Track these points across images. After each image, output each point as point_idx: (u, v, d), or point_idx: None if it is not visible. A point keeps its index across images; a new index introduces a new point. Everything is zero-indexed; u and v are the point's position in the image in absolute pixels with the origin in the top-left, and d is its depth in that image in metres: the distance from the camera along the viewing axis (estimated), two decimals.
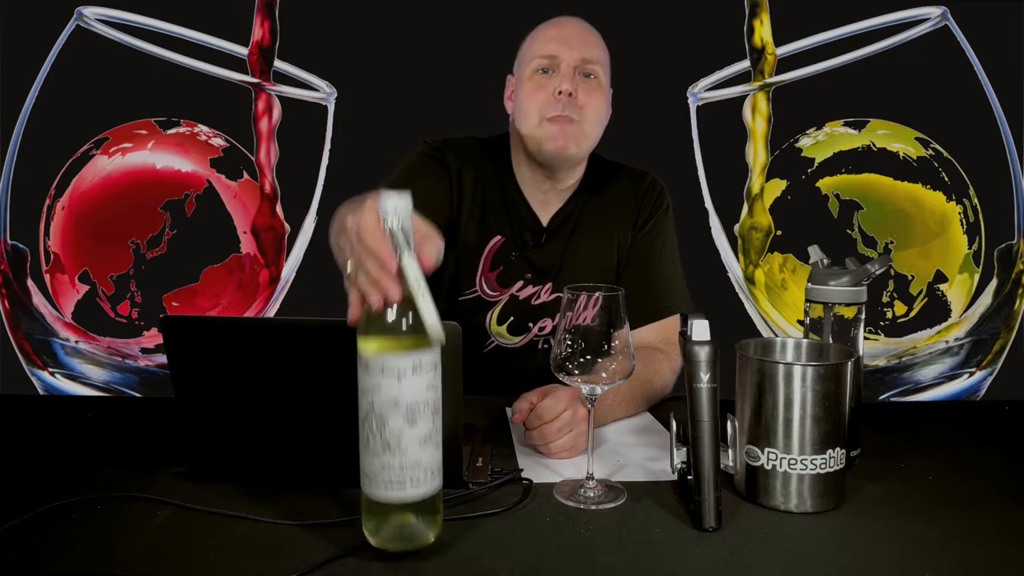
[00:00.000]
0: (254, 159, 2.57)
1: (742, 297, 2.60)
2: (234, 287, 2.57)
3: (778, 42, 2.56)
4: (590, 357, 0.91)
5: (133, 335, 2.54)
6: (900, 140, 2.55)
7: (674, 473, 0.92)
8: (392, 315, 0.75)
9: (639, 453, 1.09)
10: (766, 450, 0.89)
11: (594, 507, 0.90)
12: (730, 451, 0.93)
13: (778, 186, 2.57)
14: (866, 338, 1.07)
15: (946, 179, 2.54)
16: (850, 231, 2.55)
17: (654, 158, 1.66)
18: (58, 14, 2.50)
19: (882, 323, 2.56)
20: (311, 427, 0.91)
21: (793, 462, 0.88)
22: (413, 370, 0.75)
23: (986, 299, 2.57)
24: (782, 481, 0.88)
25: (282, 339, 0.91)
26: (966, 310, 2.57)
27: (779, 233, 2.57)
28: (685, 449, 0.90)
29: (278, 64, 2.56)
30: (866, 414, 1.06)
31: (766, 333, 2.57)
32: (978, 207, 2.55)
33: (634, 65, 2.40)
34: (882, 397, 2.51)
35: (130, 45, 2.51)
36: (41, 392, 2.52)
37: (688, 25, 2.49)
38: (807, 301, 1.05)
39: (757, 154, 2.58)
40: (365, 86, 2.51)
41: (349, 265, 0.79)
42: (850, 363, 0.90)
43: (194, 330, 0.92)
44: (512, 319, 1.45)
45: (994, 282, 2.56)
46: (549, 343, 1.44)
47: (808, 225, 2.55)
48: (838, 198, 2.55)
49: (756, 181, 2.58)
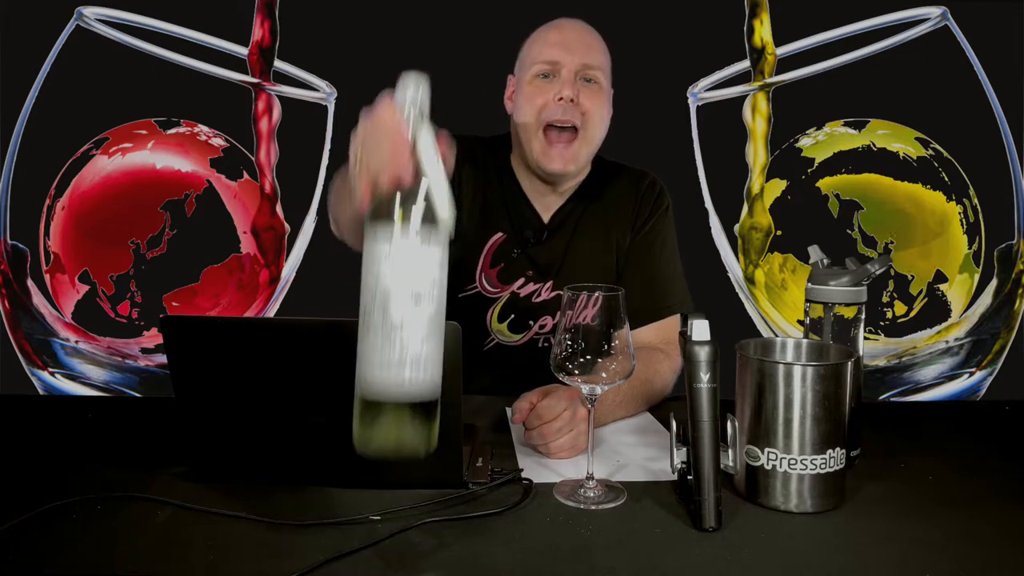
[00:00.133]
0: (254, 159, 2.57)
1: (742, 297, 2.60)
2: (234, 287, 2.57)
3: (778, 42, 2.55)
4: (590, 357, 0.91)
5: (133, 335, 2.54)
6: (900, 140, 2.55)
7: (674, 473, 0.92)
8: (405, 191, 0.74)
9: (639, 453, 1.09)
10: (766, 450, 0.89)
11: (594, 507, 0.90)
12: (730, 451, 0.93)
13: (778, 186, 2.57)
14: (866, 338, 1.07)
15: (946, 179, 2.54)
16: (850, 231, 2.55)
17: (654, 158, 1.66)
18: (58, 14, 2.50)
19: (882, 323, 2.56)
20: (311, 427, 0.91)
21: (793, 462, 0.88)
22: (424, 246, 0.73)
23: (986, 299, 2.57)
24: (782, 481, 0.88)
25: (282, 339, 0.91)
26: (966, 310, 2.57)
27: (779, 233, 2.57)
28: (685, 449, 0.90)
29: (278, 64, 2.56)
30: (866, 414, 1.06)
31: (766, 333, 2.57)
32: (978, 207, 2.55)
33: (634, 65, 2.40)
34: (882, 397, 2.51)
35: (130, 45, 2.51)
36: (41, 392, 2.52)
37: (688, 25, 2.49)
38: (807, 301, 1.05)
39: (757, 154, 2.58)
40: (365, 86, 2.49)
41: (359, 152, 0.77)
42: (850, 363, 0.90)
43: (194, 330, 0.92)
44: (513, 317, 1.45)
45: (994, 282, 2.56)
46: (550, 342, 1.44)
47: (808, 225, 2.55)
48: (838, 198, 2.55)
49: (756, 181, 2.58)
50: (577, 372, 0.91)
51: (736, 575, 0.76)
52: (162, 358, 2.47)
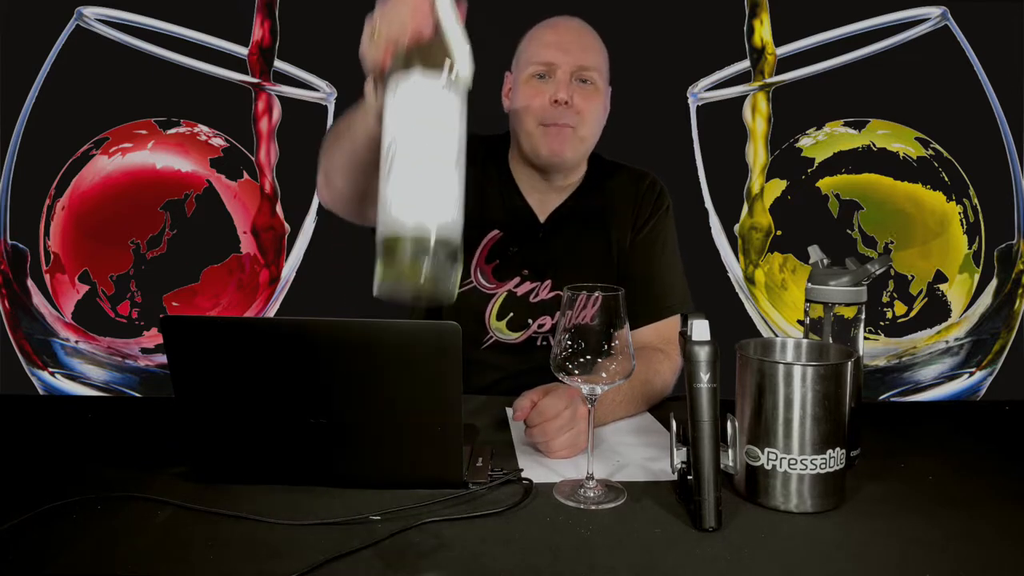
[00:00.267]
0: (254, 159, 2.57)
1: (742, 297, 2.61)
2: (234, 287, 2.57)
3: (778, 42, 2.55)
4: (590, 357, 0.91)
5: (133, 335, 2.54)
6: (900, 140, 2.55)
7: (674, 473, 0.92)
8: (426, 45, 0.79)
9: (639, 453, 1.09)
10: (766, 450, 0.89)
11: (594, 507, 0.90)
12: (730, 451, 0.93)
13: (778, 186, 2.57)
14: (866, 338, 1.07)
15: (946, 179, 2.54)
16: (850, 231, 2.55)
17: (654, 158, 1.65)
18: (58, 14, 2.50)
19: (882, 323, 2.56)
20: (311, 427, 0.91)
21: (793, 462, 0.88)
22: (441, 91, 0.77)
23: (986, 299, 2.57)
24: (782, 481, 0.88)
25: (282, 339, 0.91)
26: (966, 310, 2.57)
27: (779, 233, 2.57)
28: (685, 449, 0.90)
29: (278, 64, 2.56)
30: (866, 414, 1.06)
31: (766, 333, 2.57)
32: (978, 207, 2.55)
33: (634, 65, 2.40)
34: (882, 397, 2.51)
35: (130, 45, 2.51)
36: (41, 392, 2.52)
37: (688, 25, 2.49)
38: (807, 301, 1.05)
39: (757, 154, 2.58)
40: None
41: (378, 24, 0.82)
42: (850, 363, 0.90)
43: (194, 330, 0.92)
44: (512, 315, 1.45)
45: (994, 282, 2.56)
46: (548, 340, 1.44)
47: (808, 225, 2.55)
48: (838, 198, 2.55)
49: (756, 181, 2.58)
50: (577, 372, 0.91)
51: (736, 575, 0.76)
52: (162, 358, 2.47)
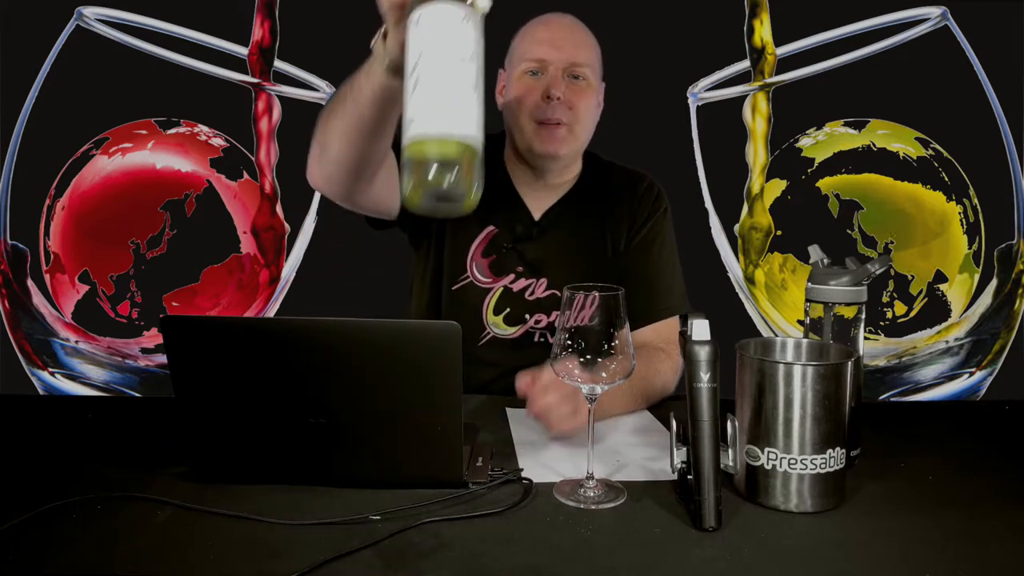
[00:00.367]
0: (254, 159, 2.57)
1: (742, 297, 2.60)
2: (234, 287, 2.57)
3: (778, 42, 2.55)
4: (590, 357, 0.91)
5: (133, 335, 2.54)
6: (900, 140, 2.55)
7: (674, 473, 0.92)
8: None
9: (639, 453, 1.09)
10: (766, 450, 0.89)
11: (594, 507, 0.90)
12: (730, 451, 0.93)
13: (778, 186, 2.57)
14: (866, 338, 1.07)
15: (946, 179, 2.54)
16: (850, 231, 2.55)
17: (654, 158, 1.66)
18: (58, 14, 2.50)
19: (882, 323, 2.56)
20: (311, 427, 0.91)
21: (793, 462, 0.88)
22: (462, 20, 0.83)
23: (986, 299, 2.57)
24: (782, 481, 0.88)
25: (282, 339, 0.91)
26: (966, 310, 2.57)
27: (779, 233, 2.57)
28: (685, 449, 0.90)
29: (278, 64, 2.56)
30: (866, 414, 1.06)
31: (766, 333, 2.57)
32: (978, 207, 2.55)
33: (634, 65, 2.40)
34: (882, 397, 2.51)
35: (130, 45, 2.51)
36: (41, 392, 2.52)
37: (688, 25, 2.49)
38: (807, 301, 1.05)
39: (757, 154, 2.58)
40: None
41: None
42: (850, 363, 0.90)
43: (194, 330, 0.92)
44: (508, 310, 1.46)
45: (994, 282, 2.56)
46: (546, 336, 1.45)
47: (808, 225, 2.55)
48: (838, 198, 2.55)
49: (756, 181, 2.58)
50: (577, 372, 0.91)
51: (736, 575, 0.76)
52: (162, 358, 2.47)
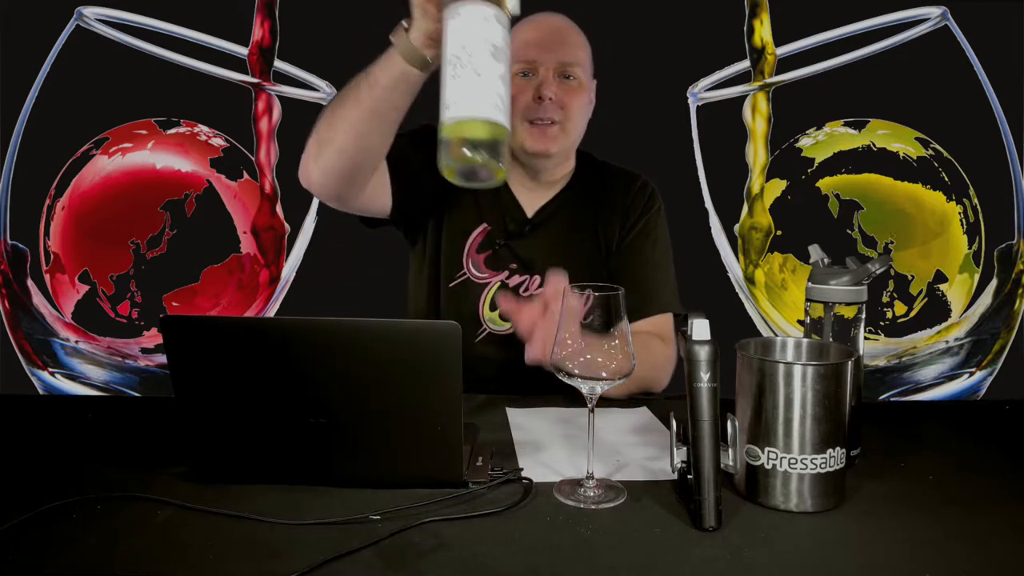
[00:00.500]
0: (254, 159, 2.57)
1: (742, 297, 2.60)
2: (234, 287, 2.57)
3: (778, 42, 2.55)
4: (590, 356, 0.91)
5: (133, 335, 2.54)
6: (900, 140, 2.55)
7: (674, 473, 0.92)
8: None
9: (639, 453, 1.09)
10: (766, 449, 0.89)
11: (594, 507, 0.90)
12: (730, 451, 0.93)
13: (778, 186, 2.57)
14: (866, 338, 1.07)
15: (946, 179, 2.54)
16: (850, 231, 2.55)
17: (654, 158, 1.66)
18: (58, 14, 2.50)
19: (882, 323, 2.56)
20: (311, 427, 0.91)
21: (793, 461, 0.88)
22: (496, 19, 0.94)
23: (986, 299, 2.57)
24: (782, 480, 0.88)
25: (282, 339, 0.91)
26: (966, 310, 2.57)
27: (779, 233, 2.57)
28: (685, 448, 0.90)
29: (278, 64, 2.56)
30: (866, 414, 1.06)
31: (766, 333, 2.57)
32: (978, 207, 2.55)
33: (634, 65, 2.40)
34: (882, 397, 2.51)
35: (130, 45, 2.51)
36: (41, 392, 2.52)
37: (688, 25, 2.49)
38: (807, 301, 1.05)
39: (757, 154, 2.58)
40: None
41: None
42: (850, 362, 0.90)
43: (194, 330, 0.92)
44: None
45: (994, 282, 2.56)
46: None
47: (808, 225, 2.55)
48: (838, 198, 2.55)
49: (756, 181, 2.58)
50: (577, 372, 0.91)
51: (736, 575, 0.76)
52: (162, 358, 2.47)
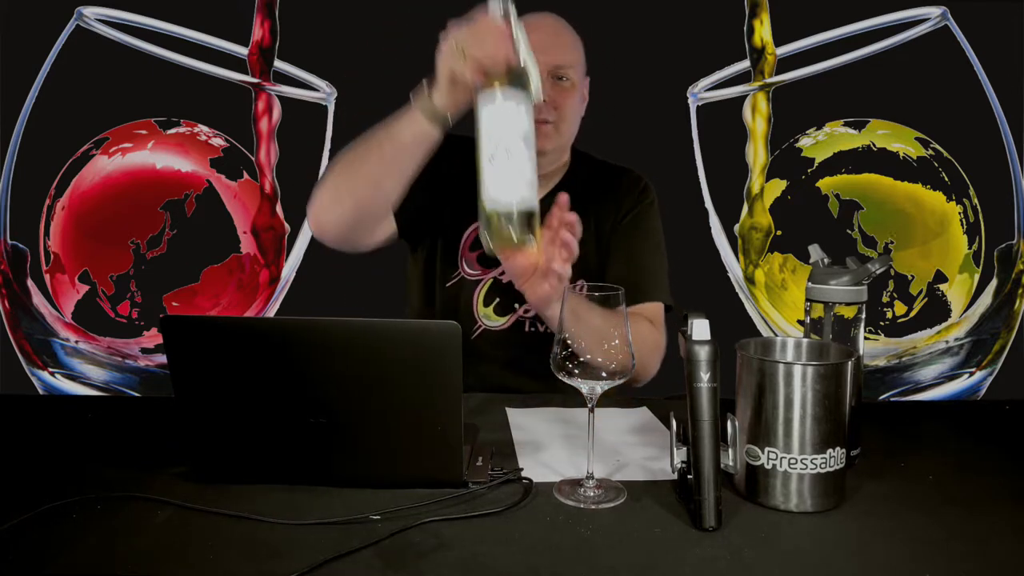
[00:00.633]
0: (254, 159, 2.57)
1: (742, 297, 2.60)
2: (234, 287, 2.57)
3: (778, 42, 2.55)
4: (590, 356, 0.91)
5: (133, 335, 2.54)
6: (900, 140, 2.55)
7: (674, 473, 0.92)
8: (513, 68, 1.06)
9: (639, 453, 1.09)
10: (766, 449, 0.89)
11: (594, 507, 0.90)
12: (730, 451, 0.93)
13: (778, 186, 2.57)
14: (866, 338, 1.07)
15: (946, 179, 2.54)
16: (850, 231, 2.55)
17: (654, 158, 1.66)
18: (58, 14, 2.50)
19: (882, 323, 2.56)
20: (311, 427, 0.91)
21: (793, 461, 0.88)
22: (526, 107, 1.05)
23: (986, 299, 2.57)
24: (782, 480, 0.88)
25: (282, 339, 0.91)
26: (966, 310, 2.57)
27: (779, 233, 2.57)
28: (685, 449, 0.90)
29: (278, 64, 2.56)
30: (866, 414, 1.06)
31: (766, 333, 2.57)
32: (978, 207, 2.55)
33: (634, 65, 2.40)
34: (882, 397, 2.51)
35: (130, 45, 2.51)
36: (41, 392, 2.52)
37: (688, 25, 2.49)
38: (807, 300, 1.05)
39: (757, 154, 2.58)
40: (365, 86, 2.50)
41: (463, 48, 1.07)
42: (850, 362, 0.90)
43: (194, 330, 0.92)
44: (498, 300, 1.47)
45: (994, 282, 2.56)
46: (536, 326, 1.46)
47: (808, 225, 2.55)
48: (838, 198, 2.55)
49: (756, 181, 2.58)
50: (577, 372, 0.91)
51: (736, 575, 0.76)
52: (162, 358, 2.47)
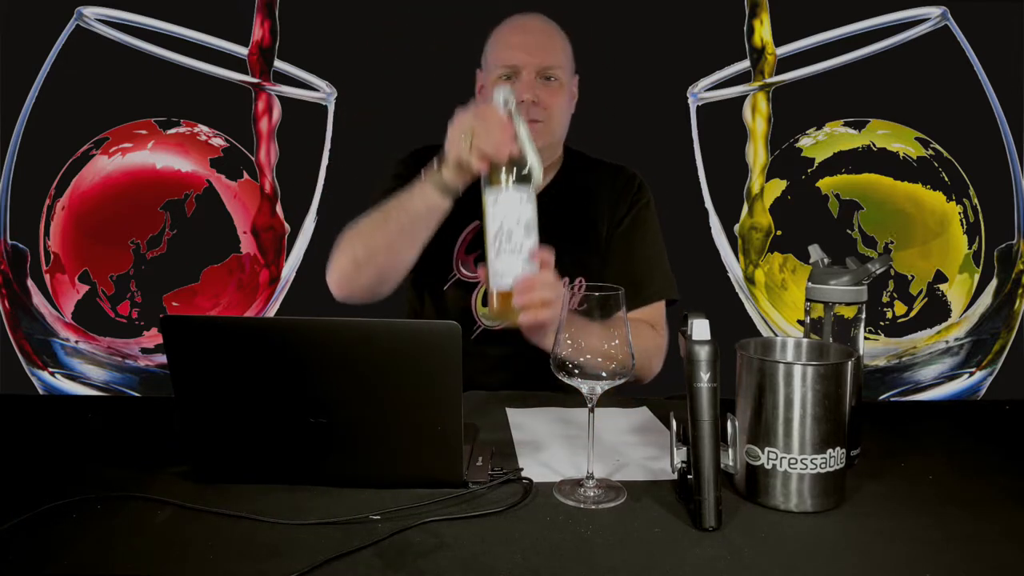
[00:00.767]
0: (254, 159, 2.56)
1: (742, 297, 2.60)
2: (234, 287, 2.57)
3: (778, 42, 2.55)
4: (590, 356, 0.91)
5: (133, 335, 2.54)
6: (900, 140, 2.55)
7: (674, 473, 0.92)
8: (515, 160, 1.14)
9: (639, 453, 1.09)
10: (766, 449, 0.89)
11: (594, 507, 0.90)
12: (730, 451, 0.93)
13: (778, 186, 2.57)
14: (866, 338, 1.07)
15: (946, 179, 2.54)
16: (850, 231, 2.55)
17: (654, 158, 1.66)
18: (58, 14, 2.50)
19: (882, 323, 2.56)
20: (311, 427, 0.91)
21: (793, 461, 0.88)
22: (529, 199, 1.13)
23: (986, 299, 2.57)
24: (782, 480, 0.88)
25: (282, 339, 0.91)
26: (966, 310, 2.57)
27: (779, 233, 2.57)
28: (685, 449, 0.90)
29: (278, 64, 2.56)
30: (866, 414, 1.06)
31: (766, 333, 2.57)
32: (978, 207, 2.55)
33: (634, 65, 2.40)
34: (882, 397, 2.51)
35: (130, 45, 2.51)
36: (41, 392, 2.52)
37: (688, 25, 2.49)
38: (807, 300, 1.05)
39: (757, 154, 2.58)
40: (365, 86, 2.50)
41: (470, 137, 1.14)
42: (850, 362, 0.90)
43: (194, 330, 0.92)
44: None
45: (994, 282, 2.56)
46: None
47: (808, 225, 2.55)
48: (838, 198, 2.55)
49: (756, 181, 2.58)
50: (577, 372, 0.91)
51: (736, 575, 0.76)
52: (162, 358, 2.47)
